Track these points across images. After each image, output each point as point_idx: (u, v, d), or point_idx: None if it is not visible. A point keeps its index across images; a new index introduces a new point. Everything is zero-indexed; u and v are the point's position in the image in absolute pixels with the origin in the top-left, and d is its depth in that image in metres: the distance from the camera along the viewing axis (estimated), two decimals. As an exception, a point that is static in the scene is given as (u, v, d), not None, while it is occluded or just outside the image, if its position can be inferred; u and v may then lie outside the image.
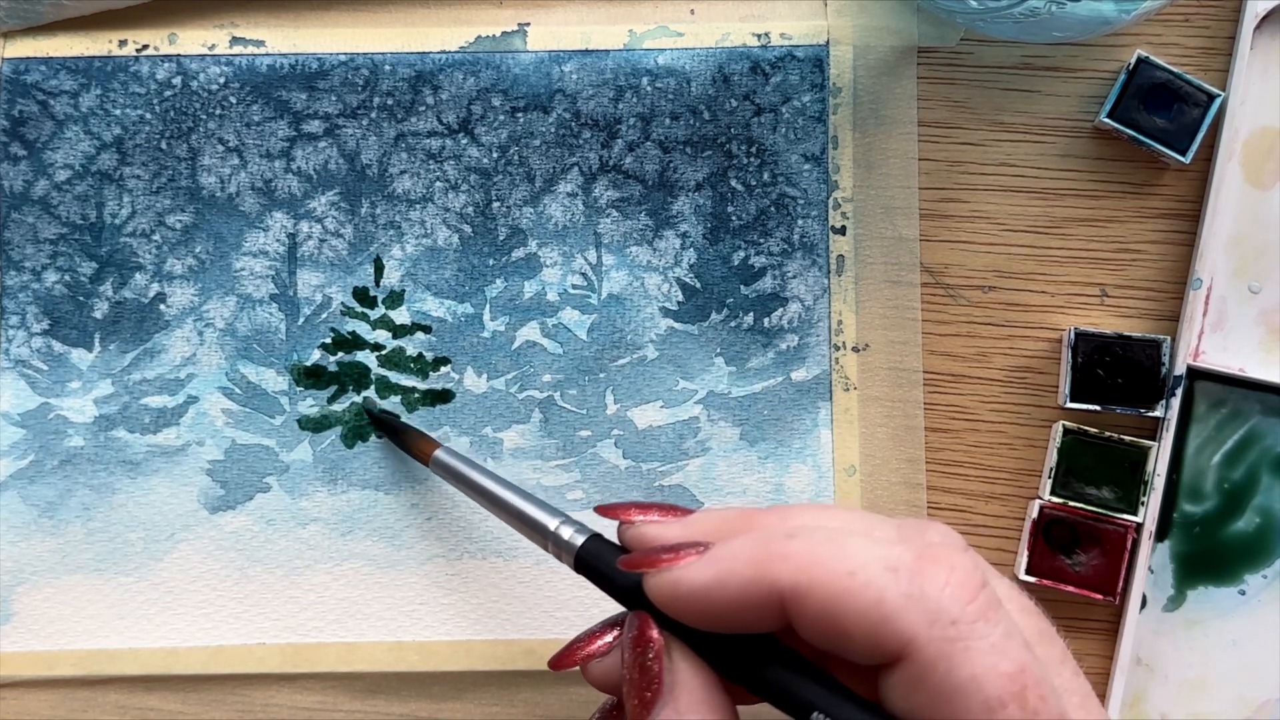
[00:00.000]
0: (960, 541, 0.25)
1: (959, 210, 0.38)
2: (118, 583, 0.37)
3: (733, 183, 0.38)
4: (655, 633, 0.25)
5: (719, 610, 0.24)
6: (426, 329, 0.38)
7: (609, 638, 0.27)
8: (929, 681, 0.22)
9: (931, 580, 0.23)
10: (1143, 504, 0.36)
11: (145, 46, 0.38)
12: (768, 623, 0.24)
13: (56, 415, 0.37)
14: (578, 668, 0.27)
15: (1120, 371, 0.36)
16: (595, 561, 0.28)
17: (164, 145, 0.38)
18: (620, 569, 0.26)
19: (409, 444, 0.36)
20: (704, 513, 0.27)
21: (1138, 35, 0.38)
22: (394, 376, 0.38)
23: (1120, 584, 0.36)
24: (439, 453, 0.34)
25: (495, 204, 0.38)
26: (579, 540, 0.28)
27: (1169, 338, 0.37)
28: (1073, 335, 0.36)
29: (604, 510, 0.28)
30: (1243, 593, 0.37)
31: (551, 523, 0.29)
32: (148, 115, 0.38)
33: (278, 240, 0.38)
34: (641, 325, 0.38)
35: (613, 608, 0.28)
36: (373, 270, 0.38)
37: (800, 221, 0.38)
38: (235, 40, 0.38)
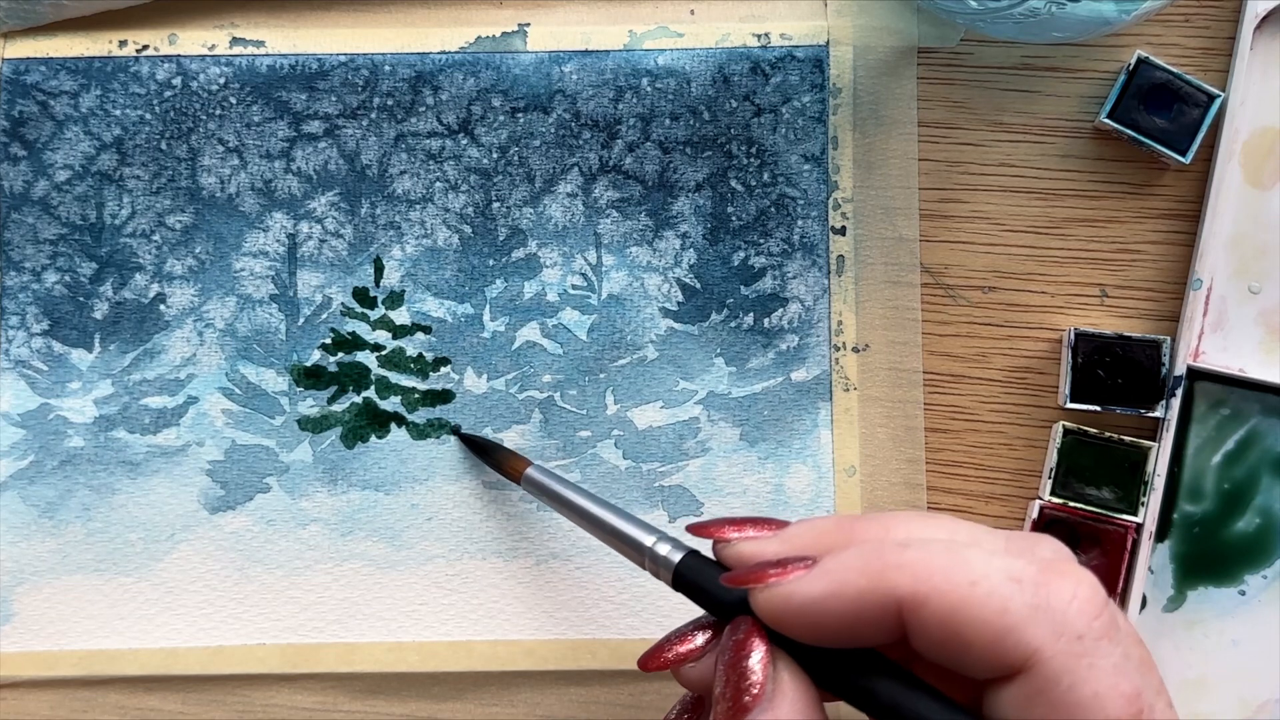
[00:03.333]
0: (1072, 556, 0.25)
1: (959, 210, 0.38)
2: (118, 583, 0.37)
3: (733, 183, 0.38)
4: (762, 640, 0.25)
5: (832, 623, 0.24)
6: (426, 329, 0.38)
7: (700, 640, 0.27)
8: (1051, 696, 0.22)
9: (1057, 593, 0.23)
10: (1143, 504, 0.36)
11: (145, 47, 0.38)
12: (880, 635, 0.24)
13: (56, 415, 0.37)
14: (666, 669, 0.27)
15: (1120, 372, 0.36)
16: (695, 577, 0.28)
17: (164, 146, 0.38)
18: (722, 585, 0.26)
19: (500, 463, 0.36)
20: (799, 525, 0.27)
21: (1138, 35, 0.38)
22: (394, 377, 0.38)
23: (1120, 584, 0.36)
24: (530, 470, 0.34)
25: (495, 204, 0.38)
26: (676, 557, 0.28)
27: (1169, 338, 0.37)
28: (1073, 335, 0.36)
29: (696, 529, 0.28)
30: (1243, 593, 0.37)
31: (648, 540, 0.29)
32: (148, 116, 0.38)
33: (278, 241, 0.38)
34: (641, 325, 0.38)
35: (613, 608, 0.28)
36: (373, 270, 0.38)
37: (800, 222, 0.38)
38: (235, 41, 0.38)
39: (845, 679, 0.24)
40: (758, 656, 0.25)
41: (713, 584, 0.27)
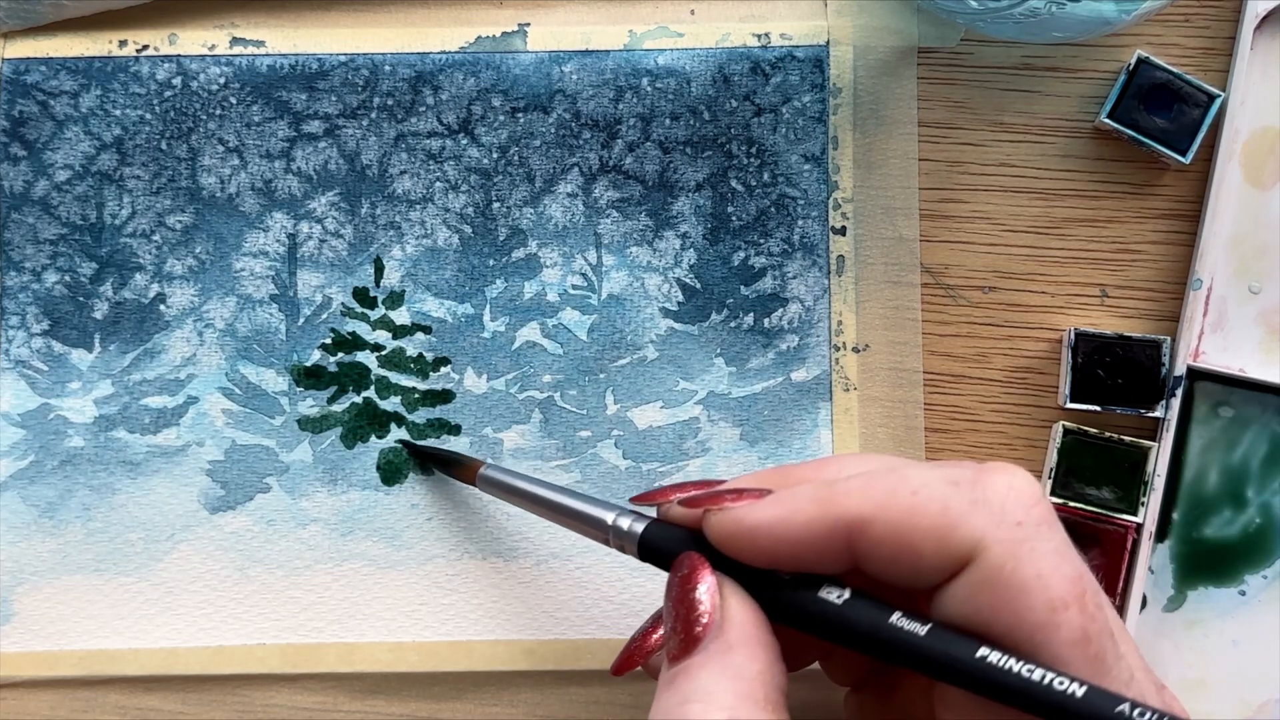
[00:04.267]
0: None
1: (959, 210, 0.38)
2: (118, 583, 0.37)
3: (733, 183, 0.38)
4: (709, 570, 0.26)
5: (782, 548, 0.25)
6: (426, 329, 0.38)
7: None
8: (996, 581, 0.23)
9: (993, 487, 0.24)
10: (1143, 504, 0.36)
11: (145, 47, 0.38)
12: (830, 559, 0.25)
13: (56, 415, 0.37)
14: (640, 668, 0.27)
15: (1120, 372, 0.36)
16: (660, 544, 0.28)
17: (164, 145, 0.38)
18: (689, 546, 0.26)
19: (455, 470, 0.36)
20: (740, 478, 0.28)
21: (1138, 35, 0.38)
22: (394, 377, 0.38)
23: (1120, 585, 0.36)
24: (484, 470, 0.34)
25: (495, 204, 0.38)
26: (639, 528, 0.28)
27: (1169, 338, 0.37)
28: (1073, 335, 0.36)
29: (641, 498, 0.29)
30: (1243, 593, 0.37)
31: (609, 516, 0.29)
32: (148, 115, 0.38)
33: (278, 241, 0.38)
34: (641, 325, 0.38)
35: (612, 608, 0.28)
36: (373, 270, 0.38)
37: (800, 222, 0.38)
38: (235, 40, 0.38)
39: (791, 602, 0.25)
40: (705, 587, 0.25)
41: (679, 547, 0.27)
